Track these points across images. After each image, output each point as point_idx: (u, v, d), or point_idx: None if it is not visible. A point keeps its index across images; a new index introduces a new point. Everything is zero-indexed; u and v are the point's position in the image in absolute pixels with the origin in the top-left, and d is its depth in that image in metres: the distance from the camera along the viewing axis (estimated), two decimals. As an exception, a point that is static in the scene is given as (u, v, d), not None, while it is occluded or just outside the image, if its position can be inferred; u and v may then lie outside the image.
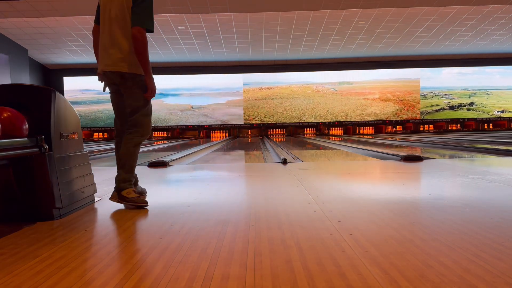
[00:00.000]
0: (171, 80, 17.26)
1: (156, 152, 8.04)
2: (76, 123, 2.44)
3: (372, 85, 17.49)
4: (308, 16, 11.64)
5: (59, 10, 10.46)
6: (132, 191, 2.35)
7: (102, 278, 1.26)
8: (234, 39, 13.60)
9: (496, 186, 2.83)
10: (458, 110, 17.65)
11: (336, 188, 2.95)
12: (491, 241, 1.53)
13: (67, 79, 17.05)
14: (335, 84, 17.61)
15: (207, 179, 3.73)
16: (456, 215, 1.97)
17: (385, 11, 11.38)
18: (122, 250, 1.56)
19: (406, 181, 3.26)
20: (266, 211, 2.18)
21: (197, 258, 1.43)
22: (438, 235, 1.63)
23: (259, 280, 1.21)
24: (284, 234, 1.70)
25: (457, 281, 1.16)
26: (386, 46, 14.98)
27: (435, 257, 1.37)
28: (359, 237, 1.62)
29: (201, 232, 1.77)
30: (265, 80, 17.65)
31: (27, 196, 2.05)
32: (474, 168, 4.03)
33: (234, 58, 16.19)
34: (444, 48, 15.41)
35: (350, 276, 1.22)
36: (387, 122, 17.54)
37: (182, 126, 17.58)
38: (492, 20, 12.40)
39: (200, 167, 5.12)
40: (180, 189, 3.19)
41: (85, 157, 2.53)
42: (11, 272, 1.32)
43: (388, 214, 2.05)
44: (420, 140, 10.14)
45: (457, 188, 2.86)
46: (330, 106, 17.51)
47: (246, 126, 17.66)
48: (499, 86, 17.72)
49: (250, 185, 3.41)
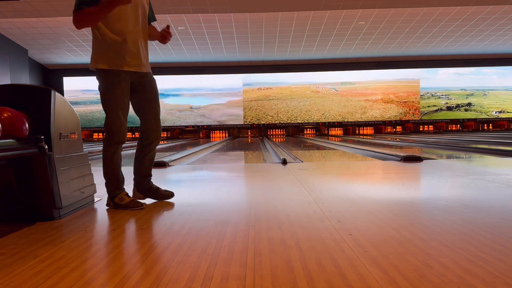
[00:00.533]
0: (171, 80, 17.25)
1: (156, 152, 8.03)
2: (76, 123, 2.44)
3: (374, 85, 17.50)
4: (308, 16, 11.64)
5: (59, 10, 10.45)
6: (125, 195, 2.35)
7: (102, 278, 1.26)
8: (234, 39, 13.60)
9: (496, 186, 2.83)
10: (455, 111, 17.67)
11: (336, 189, 2.95)
12: (491, 242, 1.53)
13: (67, 79, 17.05)
14: (336, 84, 17.61)
15: (207, 179, 3.73)
16: (456, 215, 1.97)
17: (385, 11, 11.38)
18: (122, 250, 1.56)
19: (406, 182, 3.26)
20: (266, 211, 2.18)
21: (197, 258, 1.43)
22: (438, 235, 1.63)
23: (259, 280, 1.21)
24: (284, 234, 1.70)
25: (457, 282, 1.16)
26: (386, 46, 14.98)
27: (435, 257, 1.37)
28: (359, 237, 1.62)
29: (201, 232, 1.77)
30: (265, 80, 17.66)
31: (27, 196, 2.05)
32: (473, 168, 4.03)
33: (234, 59, 16.19)
34: (444, 48, 15.42)
35: (350, 276, 1.22)
36: (387, 122, 17.54)
37: (181, 127, 17.58)
38: (492, 21, 12.41)
39: (200, 167, 5.12)
40: (180, 189, 3.19)
41: (85, 157, 2.53)
42: (11, 272, 1.32)
43: (388, 214, 2.05)
44: (420, 141, 10.14)
45: (456, 189, 2.86)
46: (326, 109, 17.51)
47: (246, 127, 17.66)
48: (496, 87, 17.74)
49: (250, 185, 3.41)
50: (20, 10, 10.41)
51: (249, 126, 17.65)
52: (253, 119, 17.65)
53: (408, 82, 17.58)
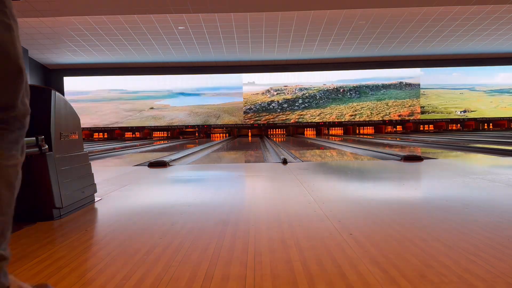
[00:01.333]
0: (171, 80, 17.25)
1: (156, 152, 8.04)
2: (76, 123, 2.44)
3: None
4: (308, 16, 11.63)
5: (59, 10, 10.46)
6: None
7: (102, 278, 1.26)
8: (234, 39, 13.60)
9: (496, 186, 2.83)
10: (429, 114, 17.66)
11: (336, 188, 2.95)
12: (491, 241, 1.53)
13: (67, 79, 17.06)
14: (335, 84, 17.63)
15: (207, 179, 3.73)
16: (456, 215, 1.97)
17: (385, 11, 11.38)
18: (122, 250, 1.56)
19: (406, 181, 3.26)
20: (266, 211, 2.18)
21: (197, 258, 1.43)
22: (438, 235, 1.63)
23: (259, 280, 1.21)
24: (284, 234, 1.70)
25: (457, 281, 1.16)
26: (386, 46, 14.98)
27: (435, 257, 1.37)
28: (359, 237, 1.62)
29: (201, 232, 1.77)
30: (265, 80, 17.66)
31: (27, 196, 2.05)
32: (474, 168, 4.03)
33: (234, 58, 16.19)
34: (444, 48, 15.41)
35: (350, 276, 1.22)
36: (387, 122, 17.54)
37: (182, 126, 17.59)
38: (492, 20, 12.40)
39: (200, 167, 5.12)
40: (180, 189, 3.19)
41: (85, 157, 2.53)
42: (11, 273, 1.32)
43: (388, 214, 2.05)
44: (420, 140, 10.14)
45: (457, 188, 2.86)
46: (322, 110, 17.57)
47: (246, 126, 17.67)
48: (447, 85, 17.69)
49: (250, 185, 3.41)
50: (20, 10, 10.41)
51: (250, 126, 17.65)
52: (254, 119, 17.64)
53: (408, 82, 17.60)
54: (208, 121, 17.67)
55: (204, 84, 17.61)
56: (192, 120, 17.64)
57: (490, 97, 17.80)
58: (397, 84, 17.58)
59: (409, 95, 17.62)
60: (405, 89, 17.58)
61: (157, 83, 17.06)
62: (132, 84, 17.19)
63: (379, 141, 10.15)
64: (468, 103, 17.75)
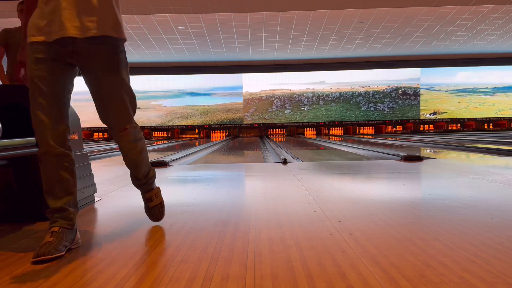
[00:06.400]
0: (171, 80, 17.25)
1: (156, 152, 8.04)
2: (76, 123, 2.44)
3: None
4: (308, 16, 11.63)
5: (59, 10, 10.44)
6: None
7: (102, 278, 1.26)
8: (234, 39, 13.60)
9: (496, 186, 2.83)
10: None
11: (336, 188, 2.95)
12: (491, 241, 1.53)
13: (67, 79, 17.03)
14: (334, 84, 17.63)
15: (207, 179, 3.73)
16: (456, 215, 1.97)
17: (385, 11, 11.38)
18: (122, 250, 1.56)
19: (406, 181, 3.26)
20: (266, 211, 2.18)
21: (197, 258, 1.43)
22: (438, 235, 1.63)
23: (259, 280, 1.21)
24: (284, 234, 1.70)
25: (457, 281, 1.16)
26: (386, 46, 14.98)
27: (435, 257, 1.37)
28: (359, 237, 1.62)
29: (201, 232, 1.77)
30: (265, 80, 17.66)
31: (27, 196, 2.05)
32: (474, 168, 4.03)
33: (234, 58, 16.19)
34: (444, 48, 15.41)
35: (350, 276, 1.22)
36: (387, 122, 17.54)
37: (182, 126, 17.59)
38: (492, 20, 12.40)
39: (200, 167, 5.12)
40: (180, 189, 3.19)
41: (85, 157, 2.53)
42: (11, 272, 1.32)
43: (388, 214, 2.05)
44: (420, 140, 10.14)
45: (457, 188, 2.86)
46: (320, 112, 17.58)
47: (246, 126, 17.68)
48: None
49: (250, 185, 3.41)
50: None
51: (249, 126, 17.65)
52: (254, 119, 17.65)
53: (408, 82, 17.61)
54: (208, 121, 17.67)
55: (204, 84, 17.61)
56: (192, 120, 17.64)
57: (456, 97, 17.65)
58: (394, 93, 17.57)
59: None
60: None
61: (156, 83, 17.05)
62: (132, 84, 17.14)
63: (379, 141, 10.16)
64: (433, 104, 17.66)
